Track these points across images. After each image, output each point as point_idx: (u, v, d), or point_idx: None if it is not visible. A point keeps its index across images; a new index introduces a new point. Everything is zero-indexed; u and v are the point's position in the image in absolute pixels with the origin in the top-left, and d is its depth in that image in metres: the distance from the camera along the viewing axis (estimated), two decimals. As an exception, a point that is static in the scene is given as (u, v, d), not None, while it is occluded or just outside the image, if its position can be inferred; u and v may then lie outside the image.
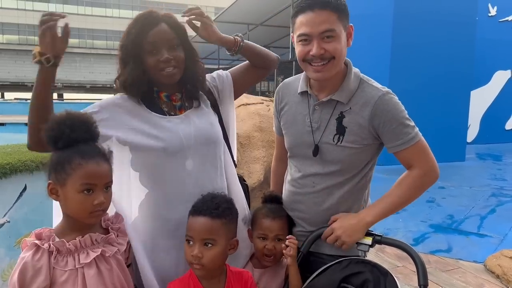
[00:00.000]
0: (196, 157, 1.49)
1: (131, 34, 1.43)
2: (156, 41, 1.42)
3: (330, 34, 1.41)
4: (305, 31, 1.42)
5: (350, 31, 1.48)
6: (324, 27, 1.40)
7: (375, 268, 1.43)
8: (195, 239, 1.34)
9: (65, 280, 1.21)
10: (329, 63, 1.44)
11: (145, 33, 1.42)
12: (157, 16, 1.46)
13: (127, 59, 1.45)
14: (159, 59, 1.42)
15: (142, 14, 1.48)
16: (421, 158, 1.49)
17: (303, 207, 1.61)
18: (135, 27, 1.43)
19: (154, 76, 1.46)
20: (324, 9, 1.39)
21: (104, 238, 1.30)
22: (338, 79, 1.51)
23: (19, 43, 42.29)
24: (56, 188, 1.22)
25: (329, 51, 1.42)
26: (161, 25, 1.45)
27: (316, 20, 1.40)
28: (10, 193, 2.37)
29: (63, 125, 1.21)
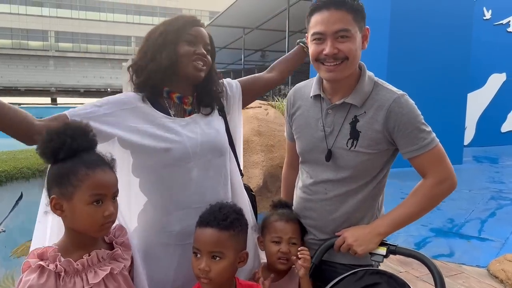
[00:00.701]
0: (200, 164, 1.43)
1: (174, 24, 1.45)
2: (197, 36, 1.46)
3: (344, 34, 1.36)
4: (319, 30, 1.38)
5: (366, 33, 1.44)
6: (339, 27, 1.36)
7: (391, 279, 1.37)
8: (202, 251, 1.27)
9: None
10: (342, 64, 1.39)
11: (188, 27, 1.45)
12: (200, 21, 1.51)
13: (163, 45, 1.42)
14: (196, 51, 1.44)
15: (186, 16, 1.51)
16: (437, 166, 1.43)
17: (315, 214, 1.56)
18: (180, 20, 1.46)
19: (183, 66, 1.43)
20: (339, 9, 1.36)
21: (110, 254, 1.22)
22: (351, 82, 1.46)
23: (12, 47, 42.06)
24: (60, 203, 1.13)
25: (343, 51, 1.37)
26: (203, 30, 1.50)
27: (330, 19, 1.36)
28: (6, 202, 2.30)
29: (63, 135, 1.12)
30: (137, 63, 1.45)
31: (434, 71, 7.93)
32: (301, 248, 1.49)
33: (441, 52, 7.96)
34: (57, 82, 42.67)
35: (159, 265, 1.42)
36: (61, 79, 42.95)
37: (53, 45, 43.71)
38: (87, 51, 44.73)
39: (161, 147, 1.37)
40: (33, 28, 42.14)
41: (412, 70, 7.77)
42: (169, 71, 1.41)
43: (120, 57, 43.52)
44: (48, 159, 1.14)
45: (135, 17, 45.62)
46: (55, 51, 43.32)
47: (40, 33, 42.95)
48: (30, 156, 2.61)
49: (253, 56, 20.78)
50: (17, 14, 41.41)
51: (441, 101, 8.05)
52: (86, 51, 44.70)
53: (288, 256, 1.51)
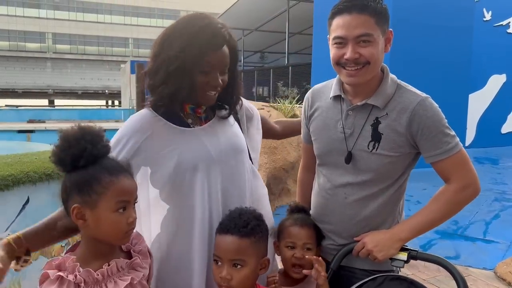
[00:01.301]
0: (225, 169, 1.40)
1: (192, 49, 1.28)
2: (215, 65, 1.32)
3: (366, 39, 1.33)
4: (340, 34, 1.35)
5: (390, 36, 1.41)
6: (360, 31, 1.32)
7: (412, 285, 1.35)
8: (223, 259, 1.25)
9: None
10: (364, 68, 1.36)
11: (208, 54, 1.30)
12: (223, 38, 1.33)
13: (179, 73, 1.30)
14: (209, 82, 1.33)
15: (210, 27, 1.31)
16: (460, 171, 1.40)
17: (334, 219, 1.52)
18: (198, 44, 1.29)
19: (195, 93, 1.35)
20: (362, 13, 1.32)
21: (128, 264, 1.18)
22: (374, 84, 1.43)
23: (9, 49, 41.95)
24: (83, 212, 1.09)
25: (364, 55, 1.34)
26: (224, 48, 1.34)
27: (352, 23, 1.32)
28: (13, 206, 2.26)
29: (83, 141, 1.08)
30: (151, 77, 1.36)
31: (435, 72, 7.94)
32: (316, 258, 1.44)
33: (442, 53, 7.98)
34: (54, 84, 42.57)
35: (182, 271, 1.38)
36: (58, 81, 42.85)
37: (50, 47, 43.62)
38: (84, 52, 44.66)
39: (185, 162, 1.34)
40: (31, 30, 42.03)
41: (413, 72, 7.75)
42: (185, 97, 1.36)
43: (118, 58, 43.49)
44: (66, 167, 1.10)
45: (132, 18, 45.57)
46: (53, 53, 43.23)
47: (38, 35, 42.84)
48: (35, 160, 2.57)
49: (253, 57, 20.79)
50: (14, 16, 41.30)
51: (442, 102, 7.91)
52: (84, 52, 44.62)
53: (302, 262, 1.49)
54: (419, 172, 6.68)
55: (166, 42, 1.33)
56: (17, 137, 12.88)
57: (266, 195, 1.62)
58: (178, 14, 46.57)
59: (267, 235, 1.36)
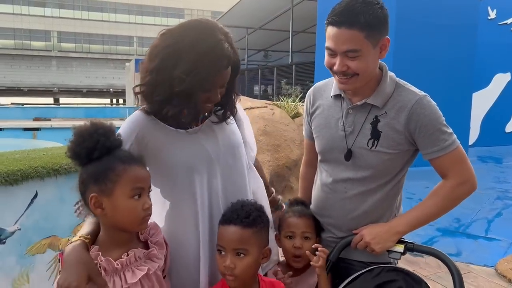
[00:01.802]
0: (225, 168, 1.44)
1: (200, 71, 1.26)
2: (217, 83, 1.33)
3: (353, 55, 1.35)
4: (330, 46, 1.38)
5: (385, 43, 1.40)
6: (348, 47, 1.34)
7: (408, 277, 1.39)
8: (226, 249, 1.30)
9: None
10: (352, 78, 1.39)
11: (213, 76, 1.29)
12: (228, 59, 1.30)
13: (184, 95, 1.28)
14: (209, 98, 1.34)
15: (216, 52, 1.27)
16: (457, 168, 1.44)
17: (334, 213, 1.58)
18: (206, 67, 1.26)
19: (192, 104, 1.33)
20: (351, 28, 1.31)
21: (146, 254, 1.23)
22: (373, 84, 1.47)
23: (15, 48, 42.16)
24: (100, 201, 1.14)
25: (352, 68, 1.37)
26: (228, 69, 1.33)
27: (340, 38, 1.34)
28: (21, 200, 2.31)
29: (96, 135, 1.14)
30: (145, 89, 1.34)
31: (439, 71, 7.94)
32: (317, 246, 1.51)
33: (446, 52, 7.97)
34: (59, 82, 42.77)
35: (185, 262, 1.42)
36: (63, 79, 43.04)
37: (55, 45, 43.81)
38: (89, 51, 44.81)
39: (186, 164, 1.37)
40: (36, 28, 42.23)
41: (417, 70, 7.76)
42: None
43: (123, 57, 43.56)
44: (81, 160, 1.16)
45: (137, 17, 45.67)
46: (58, 51, 43.42)
47: (43, 33, 43.05)
48: (43, 156, 2.63)
49: (256, 56, 20.82)
50: (20, 14, 41.50)
51: (446, 101, 7.99)
52: (89, 51, 44.78)
53: (301, 252, 1.54)
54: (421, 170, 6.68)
55: (169, 58, 1.27)
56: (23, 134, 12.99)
57: (262, 187, 1.66)
58: (182, 13, 46.62)
59: (268, 226, 1.41)
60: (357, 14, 1.31)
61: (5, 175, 2.21)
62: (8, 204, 2.27)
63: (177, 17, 45.24)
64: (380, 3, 1.36)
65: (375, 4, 1.34)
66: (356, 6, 1.32)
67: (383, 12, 1.35)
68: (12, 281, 2.28)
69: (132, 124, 1.37)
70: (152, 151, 1.36)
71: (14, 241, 2.28)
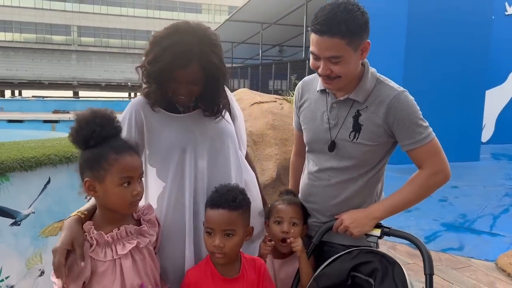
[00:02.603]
0: (210, 151, 1.57)
1: (161, 62, 1.41)
2: (180, 79, 1.45)
3: (336, 60, 1.44)
4: (314, 51, 1.48)
5: (366, 46, 1.48)
6: (330, 54, 1.43)
7: (383, 258, 1.49)
8: (216, 230, 1.42)
9: (105, 270, 1.29)
10: (335, 80, 1.50)
11: (173, 70, 1.42)
12: (191, 56, 1.41)
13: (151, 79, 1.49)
14: (178, 90, 1.48)
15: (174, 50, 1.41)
16: (432, 158, 1.53)
17: (318, 199, 1.69)
18: (165, 58, 1.41)
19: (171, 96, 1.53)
20: (333, 37, 1.39)
21: (137, 230, 1.37)
22: (355, 80, 1.56)
23: (36, 42, 42.98)
24: (93, 185, 1.27)
25: (335, 72, 1.47)
26: (192, 66, 1.43)
27: (323, 45, 1.43)
28: (35, 186, 2.47)
29: (93, 124, 1.25)
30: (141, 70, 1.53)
31: (452, 68, 7.89)
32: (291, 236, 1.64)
33: (459, 49, 7.92)
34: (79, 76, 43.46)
35: (174, 242, 1.56)
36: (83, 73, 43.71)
37: (75, 39, 44.51)
38: (108, 45, 45.41)
39: (174, 144, 1.53)
40: (57, 22, 42.99)
41: (429, 67, 7.75)
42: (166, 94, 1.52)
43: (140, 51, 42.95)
44: (79, 146, 1.29)
45: (155, 12, 46.02)
46: (78, 45, 44.13)
47: (63, 27, 43.77)
48: (57, 144, 2.79)
49: (271, 51, 20.85)
50: (41, 9, 42.28)
51: (458, 98, 8.02)
52: (107, 45, 45.38)
53: (288, 236, 1.65)
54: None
55: (153, 45, 1.46)
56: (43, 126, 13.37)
57: (254, 181, 1.77)
58: (199, 8, 46.79)
59: (250, 207, 1.53)
60: (339, 23, 1.39)
61: (20, 162, 2.37)
62: (23, 189, 2.43)
63: (194, 11, 45.49)
64: (361, 9, 1.44)
65: (356, 11, 1.41)
66: (337, 15, 1.39)
67: (363, 18, 1.43)
68: (26, 260, 2.45)
69: (132, 104, 1.59)
70: (148, 129, 1.53)
71: (28, 223, 2.44)
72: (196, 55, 1.42)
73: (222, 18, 23.53)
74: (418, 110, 1.54)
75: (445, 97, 7.88)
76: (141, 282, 1.34)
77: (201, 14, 46.32)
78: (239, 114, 1.81)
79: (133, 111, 1.55)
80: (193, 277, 1.44)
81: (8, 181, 2.34)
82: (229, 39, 19.33)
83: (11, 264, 2.36)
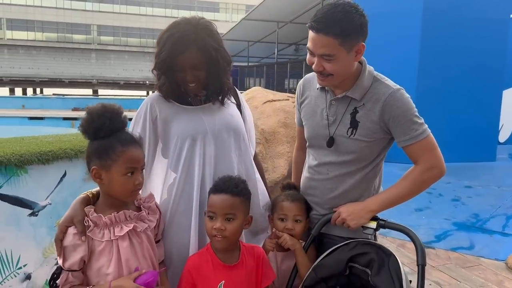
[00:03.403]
0: (217, 142, 1.66)
1: (163, 53, 1.58)
2: (183, 65, 1.59)
3: (328, 58, 1.50)
4: (309, 47, 1.54)
5: (360, 49, 1.53)
6: (323, 51, 1.49)
7: (380, 250, 1.54)
8: (217, 214, 1.50)
9: (103, 249, 1.40)
10: (328, 77, 1.56)
11: (174, 57, 1.57)
12: (187, 41, 1.56)
13: (161, 71, 1.64)
14: (185, 77, 1.61)
15: (176, 34, 1.56)
16: (426, 154, 1.58)
17: (318, 192, 1.75)
18: (166, 48, 1.57)
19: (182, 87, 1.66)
20: (327, 35, 1.46)
21: (136, 215, 1.47)
22: (352, 78, 1.62)
23: (57, 41, 43.88)
24: (100, 173, 1.39)
25: (327, 69, 1.53)
26: (190, 50, 1.57)
27: (318, 42, 1.49)
28: (52, 178, 2.59)
29: (103, 117, 1.37)
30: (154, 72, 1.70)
31: (467, 67, 7.81)
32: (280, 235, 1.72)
33: (475, 47, 7.82)
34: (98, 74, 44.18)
35: (180, 229, 1.66)
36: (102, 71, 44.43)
37: (95, 38, 45.30)
38: (127, 44, 46.05)
39: (185, 134, 1.64)
40: (77, 22, 43.81)
41: (444, 66, 7.68)
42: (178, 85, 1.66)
43: (159, 50, 44.21)
44: (89, 136, 1.41)
45: (173, 11, 46.43)
46: (97, 44, 44.90)
47: (84, 27, 44.59)
48: (73, 139, 2.91)
49: (287, 50, 20.86)
50: (62, 8, 43.14)
51: (474, 98, 7.93)
52: (126, 44, 46.02)
53: (292, 232, 1.71)
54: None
55: (158, 43, 1.64)
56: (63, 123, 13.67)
57: (258, 180, 1.86)
58: (217, 6, 47.04)
59: (250, 197, 1.61)
60: (334, 23, 1.45)
61: (38, 155, 2.49)
62: (41, 181, 2.55)
63: (212, 11, 45.72)
64: (359, 11, 1.48)
65: (353, 13, 1.47)
66: (334, 15, 1.45)
67: (360, 20, 1.48)
68: (43, 250, 2.57)
69: (147, 99, 1.72)
70: (161, 120, 1.66)
71: (45, 214, 2.56)
72: (192, 40, 1.56)
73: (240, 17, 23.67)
74: (414, 107, 1.58)
75: (461, 96, 7.80)
76: (136, 266, 1.43)
77: (218, 13, 46.58)
78: (249, 115, 1.91)
79: (148, 106, 1.68)
80: (194, 263, 1.52)
81: (26, 174, 2.46)
82: (245, 38, 19.41)
83: (29, 252, 2.48)
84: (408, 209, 5.00)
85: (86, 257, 1.38)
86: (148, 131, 1.65)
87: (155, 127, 1.67)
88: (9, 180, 2.39)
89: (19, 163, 2.40)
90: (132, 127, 1.65)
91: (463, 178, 6.47)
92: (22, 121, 13.67)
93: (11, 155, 2.37)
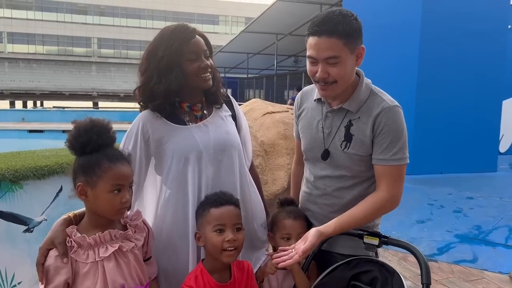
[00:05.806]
0: (213, 163, 1.61)
1: (172, 45, 1.55)
2: (197, 51, 1.58)
3: (334, 61, 1.47)
4: (312, 54, 1.51)
5: (361, 52, 1.52)
6: (329, 54, 1.47)
7: (383, 268, 1.50)
8: (227, 226, 1.46)
9: (87, 271, 1.33)
10: (332, 85, 1.52)
11: (187, 43, 1.56)
12: (192, 29, 1.59)
13: (169, 68, 1.55)
14: (200, 66, 1.57)
15: (179, 27, 1.59)
16: (394, 182, 1.54)
17: (316, 207, 1.71)
18: (176, 38, 1.55)
19: (192, 81, 1.59)
20: (330, 37, 1.45)
21: (122, 234, 1.40)
22: (349, 90, 1.59)
23: (58, 54, 44.14)
24: (85, 190, 1.32)
25: (332, 75, 1.49)
26: (197, 37, 1.60)
27: (321, 46, 1.47)
28: (48, 194, 2.55)
29: (90, 132, 1.31)
30: (144, 85, 1.60)
31: (466, 77, 7.81)
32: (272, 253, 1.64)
33: (474, 58, 7.83)
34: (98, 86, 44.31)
35: (176, 248, 1.60)
36: (102, 84, 44.57)
37: (95, 51, 45.60)
38: (127, 57, 46.29)
39: (180, 154, 1.58)
40: (78, 35, 44.12)
41: (443, 76, 7.68)
42: (179, 89, 1.58)
43: (158, 62, 44.46)
44: (76, 152, 1.35)
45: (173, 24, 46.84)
46: (98, 57, 45.16)
47: (84, 40, 44.91)
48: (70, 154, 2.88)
49: (287, 61, 20.95)
50: (63, 22, 43.49)
51: (474, 108, 7.91)
52: (127, 57, 46.27)
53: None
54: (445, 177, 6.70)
55: (151, 54, 1.59)
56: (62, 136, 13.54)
57: (254, 192, 1.80)
58: (217, 19, 47.41)
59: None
60: (336, 24, 1.45)
61: (33, 170, 2.46)
62: (36, 197, 2.51)
63: (211, 23, 46.06)
64: (354, 16, 1.50)
65: (350, 16, 1.48)
66: (333, 17, 1.46)
67: (357, 23, 1.49)
68: (39, 266, 2.52)
69: (139, 118, 1.64)
70: (154, 141, 1.59)
71: (40, 230, 2.52)
72: (193, 29, 1.60)
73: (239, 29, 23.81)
74: (404, 130, 1.54)
75: (460, 107, 7.78)
76: (122, 284, 1.36)
77: (218, 26, 46.96)
78: (245, 125, 1.86)
79: (140, 124, 1.61)
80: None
81: (21, 189, 2.42)
82: (244, 50, 19.51)
83: (24, 270, 2.43)
84: (410, 221, 4.93)
85: (70, 279, 1.31)
86: (139, 151, 1.58)
87: (147, 147, 1.60)
88: (3, 195, 2.35)
89: (14, 179, 2.36)
90: (123, 145, 1.59)
91: (464, 189, 6.40)
92: (21, 134, 13.66)
93: (6, 171, 2.33)
